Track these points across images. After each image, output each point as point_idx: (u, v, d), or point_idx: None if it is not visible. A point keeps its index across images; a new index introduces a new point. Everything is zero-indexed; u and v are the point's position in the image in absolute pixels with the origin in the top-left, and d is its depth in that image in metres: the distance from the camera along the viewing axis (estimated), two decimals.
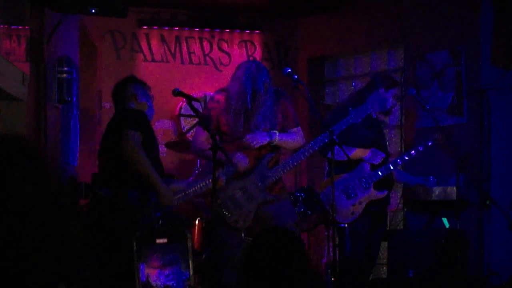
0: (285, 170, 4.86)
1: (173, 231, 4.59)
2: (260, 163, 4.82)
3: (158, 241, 4.45)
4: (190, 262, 4.53)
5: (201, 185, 4.65)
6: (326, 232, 5.64)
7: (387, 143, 5.76)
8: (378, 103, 5.36)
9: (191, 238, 4.68)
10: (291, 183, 6.74)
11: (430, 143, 5.36)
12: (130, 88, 4.69)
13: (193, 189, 4.65)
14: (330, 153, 4.61)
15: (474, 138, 6.15)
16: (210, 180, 4.40)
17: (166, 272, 4.70)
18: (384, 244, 5.89)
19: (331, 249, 4.82)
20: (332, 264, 4.73)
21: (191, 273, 4.49)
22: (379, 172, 5.23)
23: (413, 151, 5.33)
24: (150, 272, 4.55)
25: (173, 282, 4.61)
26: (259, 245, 2.35)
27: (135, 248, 4.34)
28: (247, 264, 2.32)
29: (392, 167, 5.29)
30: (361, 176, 5.22)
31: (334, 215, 4.64)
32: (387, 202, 5.48)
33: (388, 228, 6.06)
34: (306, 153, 4.88)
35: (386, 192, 5.30)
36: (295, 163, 4.93)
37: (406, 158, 5.32)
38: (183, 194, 4.64)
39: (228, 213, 4.73)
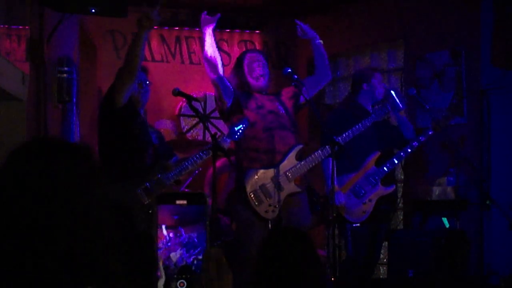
0: (312, 164, 4.93)
1: (193, 193, 4.58)
2: (289, 154, 4.88)
3: (178, 202, 4.45)
4: (208, 230, 4.52)
5: (198, 156, 4.62)
6: (326, 232, 5.64)
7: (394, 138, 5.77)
8: (368, 98, 5.44)
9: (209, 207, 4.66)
10: None
11: (430, 132, 5.40)
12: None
13: (191, 161, 4.63)
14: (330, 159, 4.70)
15: (474, 138, 6.15)
16: (203, 153, 4.49)
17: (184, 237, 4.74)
18: (384, 244, 5.89)
19: (331, 249, 4.83)
20: (332, 264, 4.74)
21: (208, 241, 4.48)
22: (385, 168, 5.28)
23: (415, 142, 5.36)
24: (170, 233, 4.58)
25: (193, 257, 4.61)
26: (271, 245, 2.36)
27: (155, 210, 4.30)
28: (260, 264, 2.32)
29: (396, 161, 5.34)
30: (367, 174, 5.26)
31: (334, 215, 4.66)
32: (394, 199, 5.52)
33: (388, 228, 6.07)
34: (306, 167, 4.96)
35: (394, 187, 5.35)
36: (321, 158, 4.97)
37: (409, 150, 5.36)
38: (179, 169, 4.60)
39: (258, 203, 4.76)
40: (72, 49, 6.01)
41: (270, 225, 4.84)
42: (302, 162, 4.91)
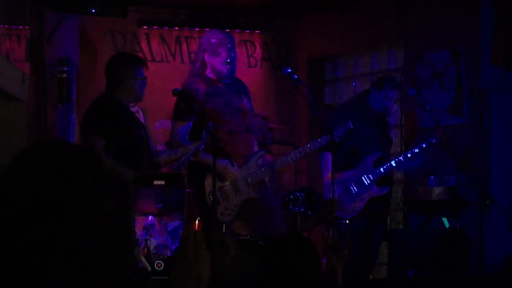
0: (275, 170, 4.86)
1: (171, 173, 4.49)
2: (251, 159, 4.80)
3: (155, 182, 4.35)
4: (185, 211, 4.43)
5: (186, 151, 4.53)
6: (325, 232, 5.63)
7: (392, 140, 5.79)
8: (375, 102, 5.42)
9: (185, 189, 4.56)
10: (291, 183, 6.74)
11: (433, 141, 5.38)
12: (119, 71, 4.50)
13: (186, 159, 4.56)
14: (329, 154, 4.66)
15: (474, 138, 6.15)
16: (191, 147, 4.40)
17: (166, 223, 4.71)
18: (384, 244, 5.89)
19: None
20: None
21: (185, 223, 4.43)
22: (381, 169, 5.27)
23: (416, 149, 5.35)
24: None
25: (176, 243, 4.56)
26: (273, 252, 2.35)
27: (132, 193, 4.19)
28: (261, 270, 2.31)
29: (394, 165, 5.32)
30: (363, 173, 5.26)
31: (334, 214, 4.66)
32: (388, 201, 5.51)
33: (388, 228, 6.07)
34: (300, 154, 4.86)
35: (388, 189, 5.35)
36: (287, 164, 4.90)
37: (409, 155, 5.35)
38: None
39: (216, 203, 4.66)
40: (72, 49, 6.02)
41: (224, 228, 4.73)
42: (264, 168, 4.80)
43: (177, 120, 4.80)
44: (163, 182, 4.43)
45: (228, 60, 4.82)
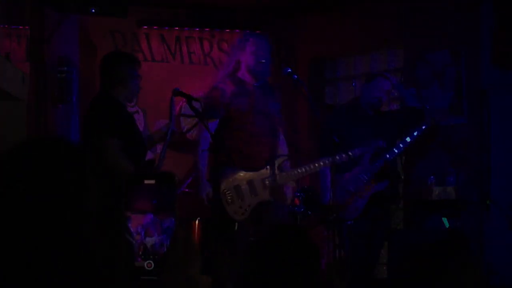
0: (295, 177, 4.87)
1: (162, 173, 4.53)
2: (272, 162, 4.82)
3: (146, 181, 4.35)
4: (176, 210, 4.45)
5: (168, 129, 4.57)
6: (326, 232, 5.65)
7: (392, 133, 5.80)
8: (366, 96, 5.50)
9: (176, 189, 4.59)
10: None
11: (424, 127, 5.41)
12: (117, 70, 4.42)
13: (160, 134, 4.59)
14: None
15: (474, 138, 6.15)
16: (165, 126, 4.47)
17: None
18: (384, 244, 5.89)
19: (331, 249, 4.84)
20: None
21: (176, 222, 4.47)
22: (377, 164, 5.29)
23: (408, 138, 5.37)
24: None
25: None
26: (268, 244, 2.32)
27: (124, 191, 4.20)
28: (254, 263, 2.28)
29: (389, 157, 5.34)
30: (360, 171, 5.28)
31: (334, 215, 4.66)
32: (390, 197, 5.52)
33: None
34: (320, 165, 4.87)
35: (387, 183, 5.35)
36: (306, 173, 4.90)
37: (402, 146, 5.37)
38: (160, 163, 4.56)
39: (229, 203, 4.67)
40: (72, 49, 6.02)
41: (236, 227, 4.71)
42: (284, 173, 4.82)
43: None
44: (153, 181, 4.44)
45: (263, 60, 4.87)
